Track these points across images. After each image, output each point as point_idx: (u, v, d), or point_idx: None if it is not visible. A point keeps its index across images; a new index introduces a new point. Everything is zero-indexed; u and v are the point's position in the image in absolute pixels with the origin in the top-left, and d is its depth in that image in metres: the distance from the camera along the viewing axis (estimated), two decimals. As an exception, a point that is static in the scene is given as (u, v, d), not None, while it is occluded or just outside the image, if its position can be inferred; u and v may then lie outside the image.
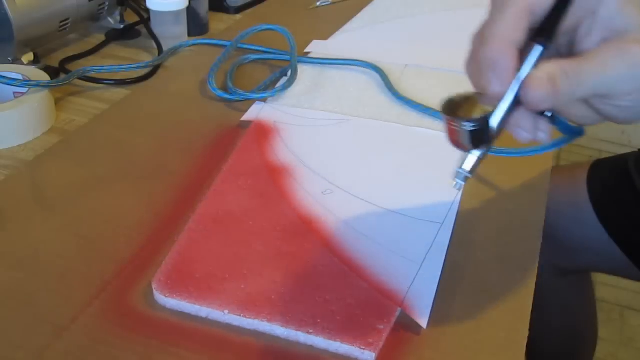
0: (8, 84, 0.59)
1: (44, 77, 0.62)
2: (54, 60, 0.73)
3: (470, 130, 0.37)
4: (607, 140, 2.10)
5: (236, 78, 0.69)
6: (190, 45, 0.79)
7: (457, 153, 0.40)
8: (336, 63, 0.74)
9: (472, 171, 0.39)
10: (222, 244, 0.45)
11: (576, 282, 0.90)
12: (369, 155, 0.57)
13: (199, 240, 0.45)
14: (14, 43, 0.66)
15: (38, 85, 0.60)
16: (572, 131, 0.44)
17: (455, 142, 0.38)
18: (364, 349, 0.37)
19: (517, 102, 0.36)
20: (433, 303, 0.41)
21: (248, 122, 0.61)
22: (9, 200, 0.50)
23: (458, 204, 0.50)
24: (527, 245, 0.47)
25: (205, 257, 0.44)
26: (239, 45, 0.76)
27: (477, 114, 0.37)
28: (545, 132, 0.39)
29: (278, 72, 0.71)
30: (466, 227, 0.48)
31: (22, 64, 0.68)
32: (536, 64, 0.36)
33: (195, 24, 0.83)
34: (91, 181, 0.53)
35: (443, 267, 0.44)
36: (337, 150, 0.57)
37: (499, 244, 0.47)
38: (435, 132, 0.60)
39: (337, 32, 0.84)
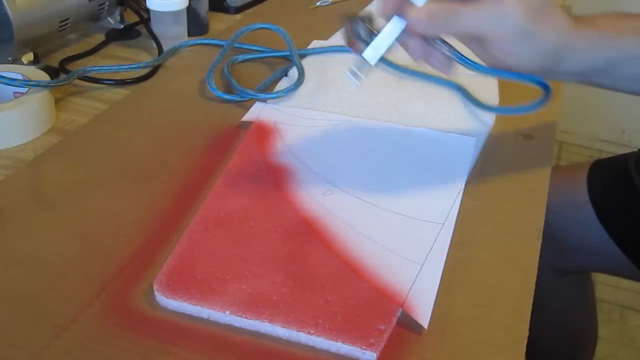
0: (8, 84, 0.59)
1: (44, 77, 0.62)
2: (54, 60, 0.73)
3: (359, 30, 0.47)
4: (607, 140, 2.10)
5: (236, 78, 0.69)
6: (190, 45, 0.79)
7: (456, 152, 0.41)
8: (333, 50, 0.76)
9: (361, 71, 0.49)
10: (223, 245, 0.45)
11: (576, 282, 0.90)
12: (370, 156, 0.57)
13: (200, 242, 0.45)
14: (14, 43, 0.66)
15: (38, 85, 0.60)
16: (533, 80, 0.53)
17: (350, 43, 0.48)
18: (365, 349, 0.37)
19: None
20: (434, 303, 0.41)
21: (248, 123, 0.61)
22: (9, 200, 0.50)
23: (458, 204, 0.50)
24: (527, 245, 0.47)
25: (206, 258, 0.44)
26: (240, 46, 0.77)
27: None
28: (436, 60, 0.49)
29: (277, 72, 0.71)
30: (466, 227, 0.48)
31: (22, 64, 0.68)
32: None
33: (195, 24, 0.83)
34: (91, 181, 0.52)
35: (444, 267, 0.44)
36: (337, 151, 0.57)
37: (499, 244, 0.47)
38: (436, 132, 0.60)
39: (337, 32, 0.83)
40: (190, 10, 0.80)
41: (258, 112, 0.63)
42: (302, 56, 0.74)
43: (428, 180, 0.53)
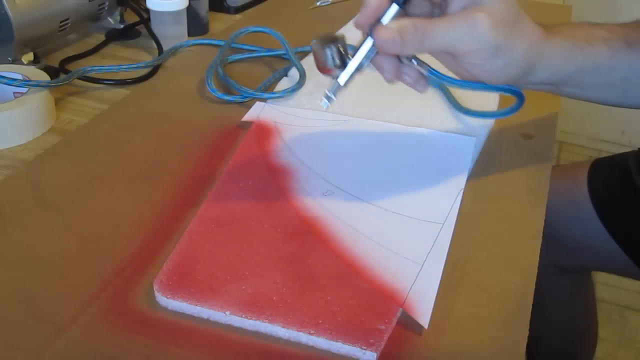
0: (8, 84, 0.59)
1: (44, 77, 0.62)
2: (54, 60, 0.73)
3: (332, 56, 0.47)
4: (607, 140, 2.10)
5: (235, 79, 0.69)
6: (190, 45, 0.79)
7: (456, 152, 0.41)
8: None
9: (334, 93, 0.48)
10: (223, 245, 0.45)
11: (576, 282, 0.90)
12: (370, 156, 0.57)
13: (200, 242, 0.45)
14: (14, 43, 0.66)
15: (38, 85, 0.60)
16: (509, 91, 0.54)
17: (321, 67, 0.48)
18: (365, 349, 0.37)
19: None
20: (434, 303, 0.41)
21: (248, 123, 0.61)
22: (9, 200, 0.50)
23: (459, 204, 0.50)
24: (527, 245, 0.47)
25: (207, 258, 0.44)
26: (240, 46, 0.77)
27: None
28: (410, 77, 0.49)
29: (277, 72, 0.71)
30: (466, 227, 0.48)
31: (22, 64, 0.68)
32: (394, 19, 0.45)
33: (195, 24, 0.83)
34: (91, 181, 0.52)
35: (444, 267, 0.44)
36: (337, 151, 0.57)
37: (499, 244, 0.47)
38: (436, 132, 0.60)
39: (337, 33, 0.83)
40: (190, 10, 0.80)
41: (258, 112, 0.63)
42: (300, 57, 0.74)
43: (428, 180, 0.53)
